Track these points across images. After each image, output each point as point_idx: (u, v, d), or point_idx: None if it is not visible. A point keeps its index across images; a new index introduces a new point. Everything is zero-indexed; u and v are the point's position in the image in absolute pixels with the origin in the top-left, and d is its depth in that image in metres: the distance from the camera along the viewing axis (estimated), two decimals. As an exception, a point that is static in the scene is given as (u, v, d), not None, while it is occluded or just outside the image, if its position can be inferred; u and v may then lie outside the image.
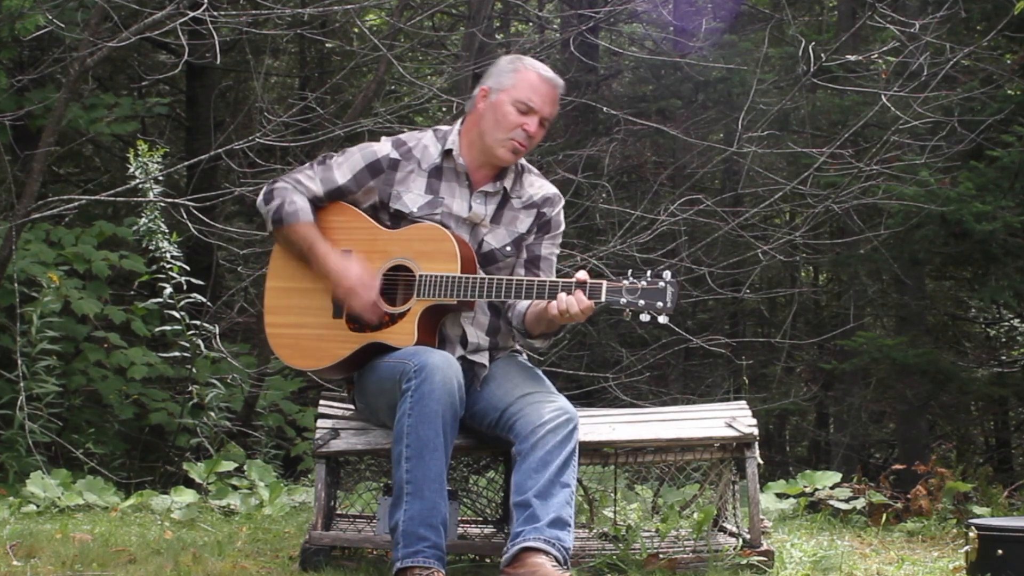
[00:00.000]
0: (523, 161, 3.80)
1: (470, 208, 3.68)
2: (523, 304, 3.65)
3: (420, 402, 3.37)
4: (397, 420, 3.41)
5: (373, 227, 3.68)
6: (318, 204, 3.70)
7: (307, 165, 3.78)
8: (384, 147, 3.72)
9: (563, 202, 3.84)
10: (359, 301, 3.58)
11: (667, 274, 3.44)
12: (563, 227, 3.84)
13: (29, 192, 6.26)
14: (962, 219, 7.17)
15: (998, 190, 7.28)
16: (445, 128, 3.79)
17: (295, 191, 3.69)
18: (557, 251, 3.82)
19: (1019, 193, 7.25)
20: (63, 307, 6.50)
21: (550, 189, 3.82)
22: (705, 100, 9.71)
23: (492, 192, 3.72)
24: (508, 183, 3.74)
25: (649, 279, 3.43)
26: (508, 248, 3.72)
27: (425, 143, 3.74)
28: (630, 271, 3.49)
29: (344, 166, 3.71)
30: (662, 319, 3.42)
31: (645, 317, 3.43)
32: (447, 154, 3.70)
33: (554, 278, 3.62)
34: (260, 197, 3.74)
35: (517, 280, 3.53)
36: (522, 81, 3.66)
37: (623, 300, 3.43)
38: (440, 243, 3.59)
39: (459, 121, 3.78)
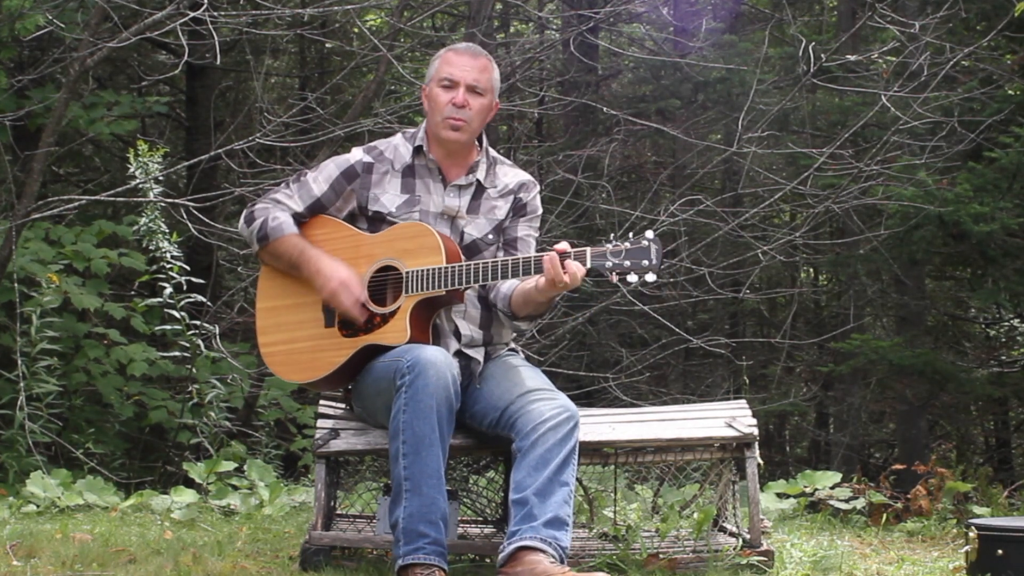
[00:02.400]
0: (494, 153, 3.86)
1: (444, 202, 3.71)
2: (507, 287, 3.67)
3: (415, 398, 3.37)
4: (392, 416, 3.41)
5: (355, 234, 3.71)
6: (300, 220, 3.74)
7: (283, 184, 3.84)
8: (356, 154, 3.79)
9: (538, 188, 3.88)
10: (345, 299, 3.59)
11: (649, 233, 3.44)
12: (540, 211, 3.87)
13: (29, 192, 6.26)
14: (959, 220, 7.16)
15: (997, 191, 7.28)
16: (412, 129, 3.85)
17: (276, 208, 3.74)
18: (536, 234, 3.85)
19: (1017, 194, 7.24)
20: (63, 304, 6.50)
21: (524, 176, 3.86)
22: (705, 100, 9.71)
23: (465, 185, 3.76)
24: (481, 175, 3.77)
25: (632, 239, 3.43)
26: (489, 236, 3.75)
27: (395, 144, 3.81)
28: (611, 235, 3.48)
29: (320, 178, 3.76)
30: (649, 277, 3.41)
31: (633, 278, 3.42)
32: (418, 151, 3.75)
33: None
34: (241, 220, 3.79)
35: (503, 261, 3.54)
36: (441, 63, 3.75)
37: (609, 263, 3.43)
38: (423, 239, 3.61)
39: (424, 122, 3.84)
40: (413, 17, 7.65)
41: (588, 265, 3.45)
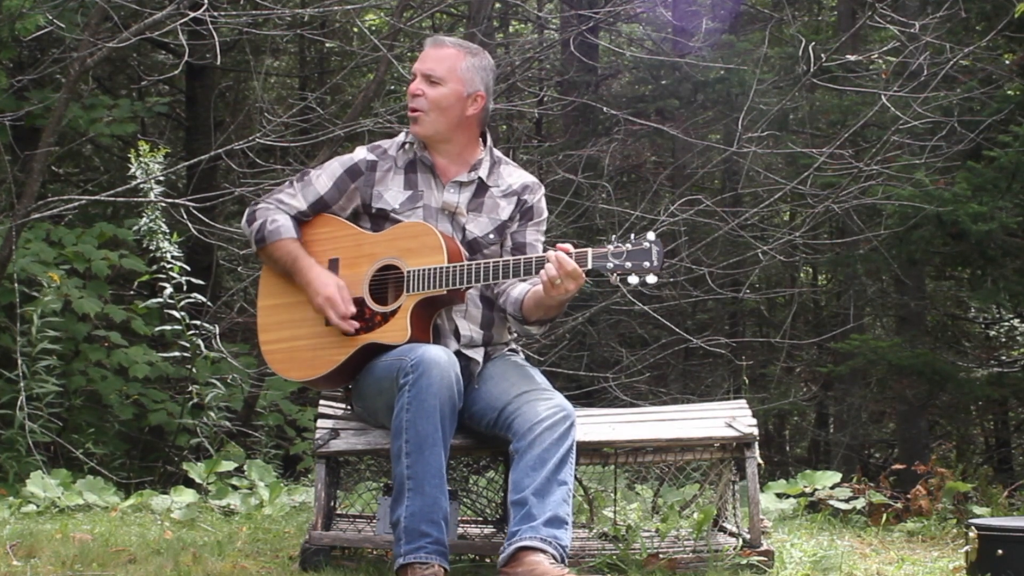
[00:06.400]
0: (498, 153, 3.85)
1: (443, 198, 3.72)
2: (518, 291, 3.67)
3: (418, 397, 3.38)
4: (395, 415, 3.41)
5: (357, 233, 3.72)
6: (303, 219, 3.76)
7: (287, 183, 3.84)
8: (360, 153, 3.80)
9: (543, 190, 3.86)
10: (331, 316, 3.60)
11: (650, 234, 3.43)
12: (546, 214, 3.86)
13: (29, 192, 6.26)
14: (958, 220, 7.16)
15: (996, 190, 7.27)
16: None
17: (277, 210, 3.75)
18: (543, 239, 3.84)
19: (1017, 194, 7.24)
20: (63, 306, 6.50)
21: (529, 177, 3.85)
22: (704, 100, 9.72)
23: (466, 182, 3.75)
24: (483, 173, 3.77)
25: (634, 240, 3.43)
26: (491, 236, 3.74)
27: (398, 141, 3.81)
28: (613, 236, 3.48)
29: (323, 176, 3.77)
30: (650, 279, 3.41)
31: (634, 279, 3.42)
32: (412, 145, 3.75)
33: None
34: (244, 218, 3.81)
35: (503, 261, 3.54)
36: None
37: (610, 264, 3.43)
38: (425, 238, 3.61)
39: None
40: (413, 17, 7.65)
41: (589, 266, 3.44)
